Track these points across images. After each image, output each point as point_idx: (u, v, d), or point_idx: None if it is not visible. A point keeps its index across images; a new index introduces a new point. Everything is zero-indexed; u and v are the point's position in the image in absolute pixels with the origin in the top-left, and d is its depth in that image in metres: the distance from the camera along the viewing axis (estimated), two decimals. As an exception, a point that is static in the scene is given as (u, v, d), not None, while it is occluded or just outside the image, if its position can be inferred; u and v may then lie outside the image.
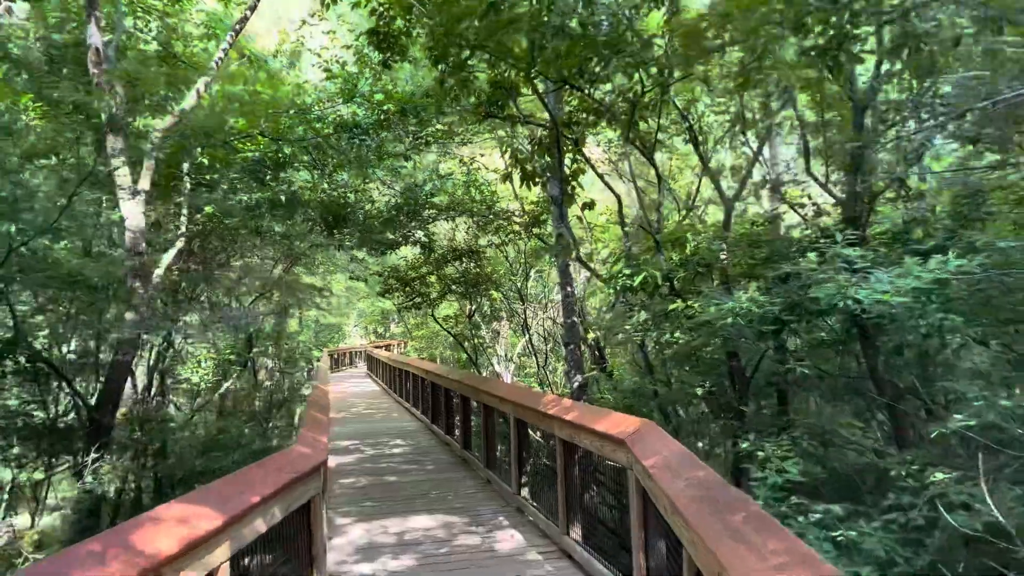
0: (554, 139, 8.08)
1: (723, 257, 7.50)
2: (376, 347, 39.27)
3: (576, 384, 10.20)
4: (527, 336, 15.20)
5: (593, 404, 11.47)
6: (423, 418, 16.59)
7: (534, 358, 15.64)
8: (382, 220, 12.67)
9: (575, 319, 10.38)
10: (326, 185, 12.15)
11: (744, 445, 5.67)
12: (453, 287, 14.26)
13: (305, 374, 26.16)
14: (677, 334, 7.00)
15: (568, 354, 10.18)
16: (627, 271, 6.84)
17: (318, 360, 29.55)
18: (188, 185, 10.16)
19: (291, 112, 10.30)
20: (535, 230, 13.09)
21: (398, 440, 14.25)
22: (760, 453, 5.55)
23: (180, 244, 10.09)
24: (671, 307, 6.60)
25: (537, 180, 8.39)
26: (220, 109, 9.88)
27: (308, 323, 41.78)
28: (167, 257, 9.65)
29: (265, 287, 15.49)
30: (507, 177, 8.55)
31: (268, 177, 11.18)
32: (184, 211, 10.14)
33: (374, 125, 10.58)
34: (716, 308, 5.63)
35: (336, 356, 42.66)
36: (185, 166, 10.06)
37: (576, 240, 9.58)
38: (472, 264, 14.08)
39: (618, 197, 9.29)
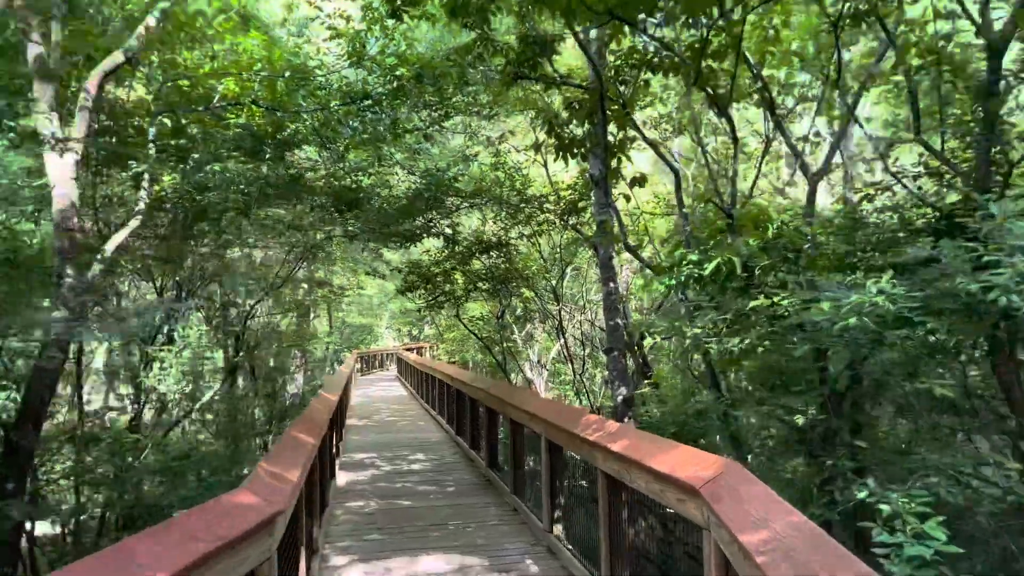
0: (596, 100, 6.54)
1: (810, 242, 5.87)
2: (407, 349, 38.32)
3: (620, 398, 8.59)
4: (562, 340, 13.63)
5: (641, 423, 9.87)
6: (448, 428, 15.41)
7: (570, 365, 14.08)
8: (399, 207, 11.18)
9: (619, 320, 8.76)
10: (337, 168, 10.71)
11: (861, 495, 4.06)
12: (479, 284, 12.79)
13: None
14: (747, 339, 5.40)
15: (610, 362, 8.61)
16: (694, 257, 5.25)
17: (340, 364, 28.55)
18: (152, 152, 8.67)
19: (287, 75, 8.84)
20: (572, 219, 11.50)
21: (419, 454, 13.03)
22: (884, 507, 3.92)
23: (135, 223, 8.60)
24: (752, 304, 5.01)
25: (576, 151, 6.87)
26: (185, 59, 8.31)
27: (338, 324, 41.07)
28: (117, 238, 8.17)
29: (270, 283, 14.19)
30: (539, 148, 7.02)
31: (268, 156, 9.79)
32: (145, 184, 8.71)
33: (387, 95, 9.11)
34: (831, 305, 4.03)
35: (367, 358, 42.01)
36: (152, 131, 8.67)
37: (623, 226, 8.03)
38: (501, 259, 12.57)
39: (676, 172, 7.64)
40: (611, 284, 8.83)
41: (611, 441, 5.26)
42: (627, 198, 7.39)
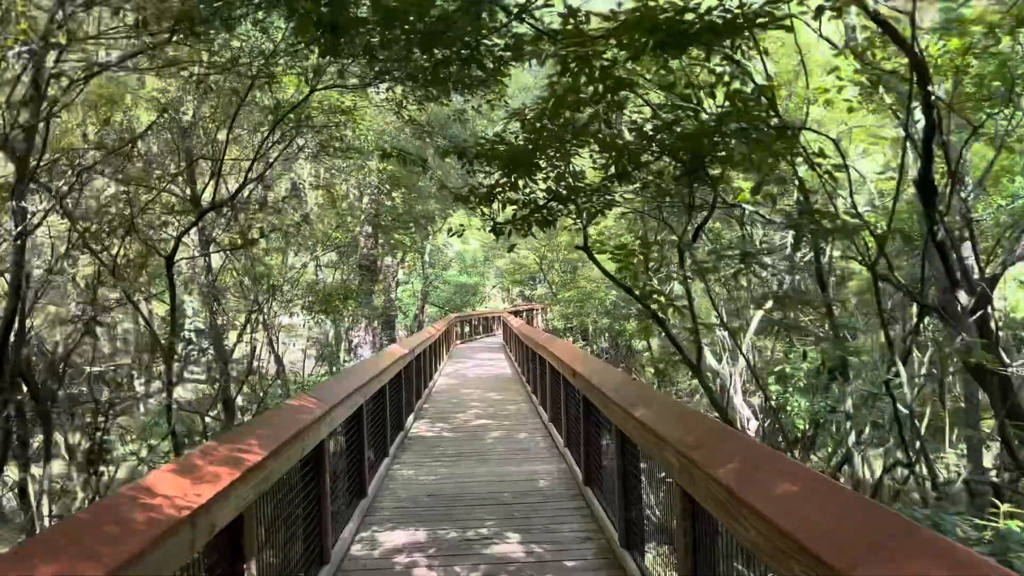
0: None
1: None
2: (513, 312, 31.91)
3: None
4: (824, 298, 5.73)
5: None
6: (566, 455, 8.55)
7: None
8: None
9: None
10: None
11: None
12: (649, 155, 4.87)
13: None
14: None
15: None
16: None
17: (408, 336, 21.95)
18: None
19: None
20: None
21: (513, 539, 5.99)
22: None
23: None
24: None
25: None
26: None
27: (431, 280, 34.94)
28: None
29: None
30: None
31: None
32: None
33: None
34: None
35: (471, 322, 35.79)
36: None
37: None
38: (709, 68, 4.53)
39: None
40: None
41: None
42: None
